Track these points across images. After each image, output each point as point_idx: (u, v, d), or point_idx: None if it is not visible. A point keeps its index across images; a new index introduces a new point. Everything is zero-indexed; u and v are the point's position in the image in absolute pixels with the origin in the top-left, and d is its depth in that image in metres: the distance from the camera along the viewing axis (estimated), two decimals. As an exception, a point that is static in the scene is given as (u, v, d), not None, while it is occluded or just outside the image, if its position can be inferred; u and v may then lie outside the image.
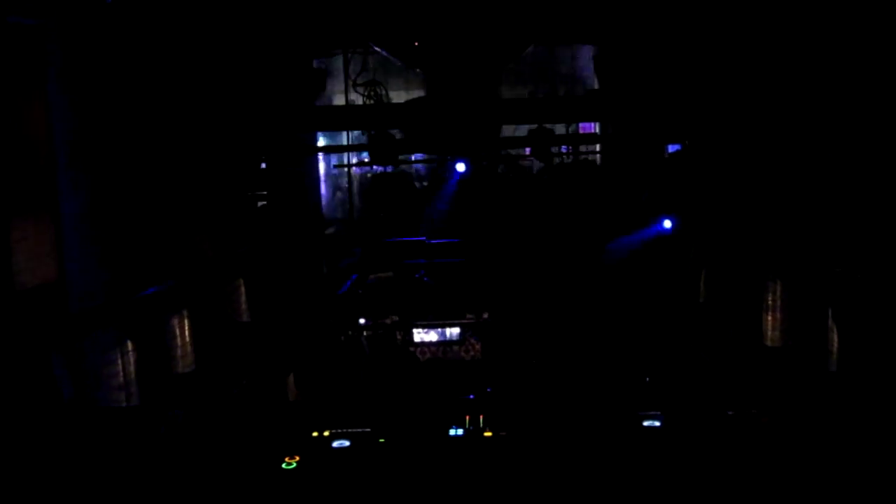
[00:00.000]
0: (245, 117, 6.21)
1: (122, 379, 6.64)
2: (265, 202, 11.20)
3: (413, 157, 14.80)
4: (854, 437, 3.21)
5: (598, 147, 14.28)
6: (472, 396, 5.97)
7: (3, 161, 5.85)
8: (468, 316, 10.94)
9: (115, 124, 5.91)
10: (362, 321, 10.97)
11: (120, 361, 6.66)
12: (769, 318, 8.33)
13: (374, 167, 13.72)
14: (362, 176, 15.05)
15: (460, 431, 3.32)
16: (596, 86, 12.79)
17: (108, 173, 6.70)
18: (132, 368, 6.86)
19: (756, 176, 9.23)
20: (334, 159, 14.74)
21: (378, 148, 10.98)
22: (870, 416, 3.48)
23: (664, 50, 6.68)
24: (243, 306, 9.82)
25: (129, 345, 6.83)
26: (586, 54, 13.41)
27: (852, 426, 3.33)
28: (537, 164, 14.26)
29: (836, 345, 6.74)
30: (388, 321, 10.91)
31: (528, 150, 13.66)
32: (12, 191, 6.00)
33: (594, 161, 14.32)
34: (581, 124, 14.41)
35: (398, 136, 11.94)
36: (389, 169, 13.70)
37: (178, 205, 8.47)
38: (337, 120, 12.06)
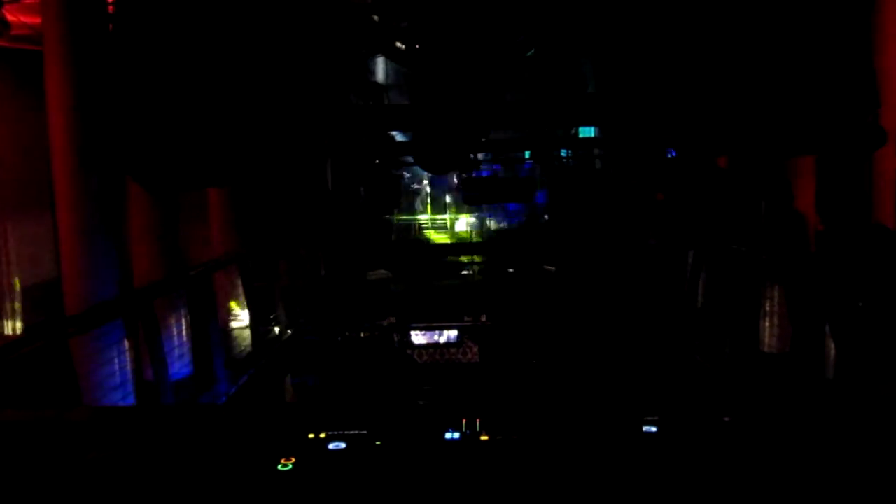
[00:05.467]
0: (242, 117, 6.22)
1: (118, 379, 6.65)
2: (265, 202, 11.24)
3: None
4: (851, 444, 3.21)
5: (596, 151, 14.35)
6: (468, 400, 5.98)
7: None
8: (466, 319, 10.96)
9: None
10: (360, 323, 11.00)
11: (117, 361, 6.67)
12: (767, 324, 8.35)
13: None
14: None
15: (456, 435, 3.32)
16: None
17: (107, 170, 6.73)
18: (129, 368, 6.86)
19: (752, 181, 9.27)
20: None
21: (377, 149, 11.03)
22: (867, 424, 3.49)
23: (660, 53, 6.69)
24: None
25: (127, 344, 6.84)
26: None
27: (850, 434, 3.33)
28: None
29: (833, 352, 6.76)
30: (385, 323, 10.93)
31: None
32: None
33: (594, 165, 14.39)
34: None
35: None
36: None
37: (177, 205, 8.51)
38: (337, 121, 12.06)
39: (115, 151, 5.85)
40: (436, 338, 10.84)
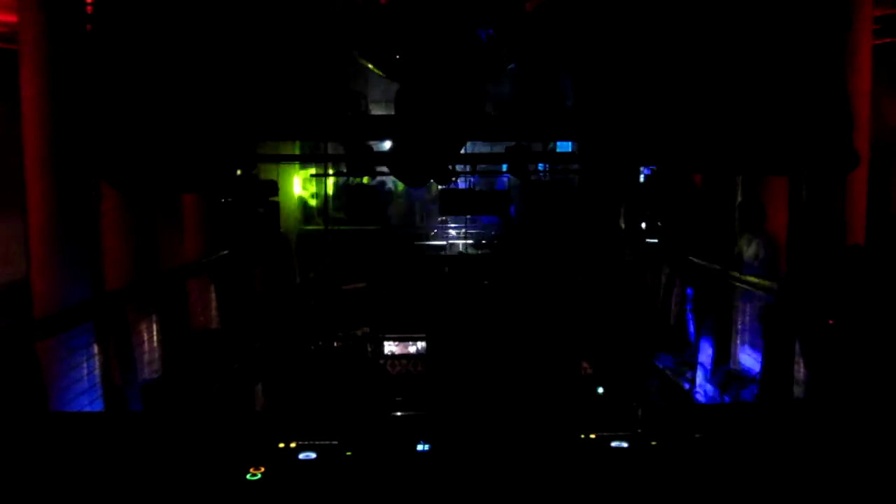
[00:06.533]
0: (221, 123, 6.19)
1: (86, 384, 6.55)
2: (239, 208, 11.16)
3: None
4: (820, 462, 3.24)
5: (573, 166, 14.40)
6: (441, 412, 5.96)
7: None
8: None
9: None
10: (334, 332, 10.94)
11: (85, 366, 6.57)
12: (739, 342, 8.42)
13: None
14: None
15: (427, 447, 3.31)
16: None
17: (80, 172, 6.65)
18: (98, 373, 6.76)
19: (725, 199, 9.38)
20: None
21: (355, 159, 10.93)
22: (836, 442, 3.52)
23: (637, 70, 6.76)
24: (213, 313, 9.75)
25: (96, 348, 6.74)
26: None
27: (818, 452, 3.36)
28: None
29: (802, 371, 6.82)
30: (358, 333, 10.86)
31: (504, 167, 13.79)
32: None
33: (570, 180, 14.45)
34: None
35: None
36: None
37: (152, 209, 8.44)
38: (316, 129, 12.00)
39: (91, 153, 5.78)
40: (409, 349, 10.80)
